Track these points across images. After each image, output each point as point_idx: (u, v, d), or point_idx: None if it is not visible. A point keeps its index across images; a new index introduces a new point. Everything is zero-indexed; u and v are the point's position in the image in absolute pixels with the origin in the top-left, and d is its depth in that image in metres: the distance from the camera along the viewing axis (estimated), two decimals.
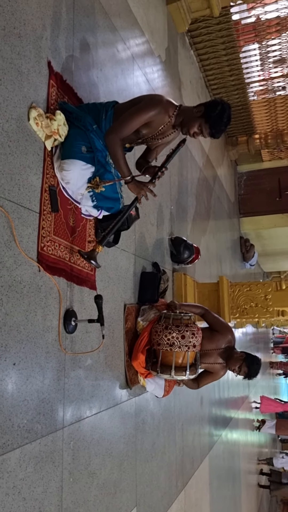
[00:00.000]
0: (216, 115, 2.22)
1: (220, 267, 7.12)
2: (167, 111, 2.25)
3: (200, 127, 2.27)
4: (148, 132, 2.31)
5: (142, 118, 2.19)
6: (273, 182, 9.49)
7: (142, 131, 2.28)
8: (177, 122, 2.32)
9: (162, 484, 3.57)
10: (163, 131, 2.33)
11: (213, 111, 2.22)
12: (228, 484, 6.65)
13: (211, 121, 2.23)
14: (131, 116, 2.18)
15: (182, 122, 2.30)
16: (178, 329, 2.90)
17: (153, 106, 2.21)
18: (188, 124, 2.27)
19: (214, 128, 2.25)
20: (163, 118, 2.26)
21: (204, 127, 2.26)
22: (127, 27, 3.46)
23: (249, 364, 3.27)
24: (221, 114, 2.22)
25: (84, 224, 2.46)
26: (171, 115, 2.28)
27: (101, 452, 2.51)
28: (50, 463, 1.99)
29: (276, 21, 6.06)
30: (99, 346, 2.42)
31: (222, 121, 2.24)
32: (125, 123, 2.17)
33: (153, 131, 2.31)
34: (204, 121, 2.25)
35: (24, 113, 1.96)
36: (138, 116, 2.18)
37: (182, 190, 5.02)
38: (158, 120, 2.25)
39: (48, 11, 2.22)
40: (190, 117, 2.27)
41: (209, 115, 2.23)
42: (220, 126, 2.25)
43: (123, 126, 2.17)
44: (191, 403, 4.68)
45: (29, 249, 1.94)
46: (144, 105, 2.21)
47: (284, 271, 16.16)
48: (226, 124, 2.27)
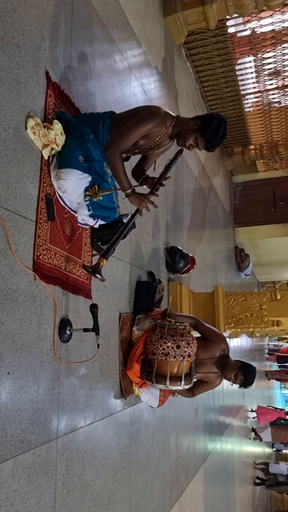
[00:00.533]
0: (212, 129, 2.25)
1: (215, 277, 7.13)
2: (165, 122, 2.28)
3: (195, 140, 2.30)
4: (146, 143, 2.32)
5: (141, 131, 2.21)
6: (268, 192, 9.54)
7: (140, 142, 2.29)
8: (173, 133, 2.34)
9: (156, 495, 3.53)
10: (160, 141, 2.35)
11: (209, 125, 2.25)
12: (222, 495, 6.60)
13: (207, 135, 2.26)
14: (131, 129, 2.20)
15: (178, 134, 2.32)
16: (173, 338, 2.90)
17: (152, 118, 2.23)
18: (184, 137, 2.30)
19: (210, 142, 2.28)
20: (161, 130, 2.28)
21: (199, 140, 2.29)
22: (125, 39, 3.50)
23: (245, 373, 3.27)
24: (217, 128, 2.25)
25: (80, 233, 2.46)
26: (168, 126, 2.30)
27: (95, 463, 2.49)
28: (43, 474, 1.97)
29: (271, 34, 6.13)
30: (94, 355, 2.41)
31: (218, 135, 2.27)
32: (125, 136, 2.19)
33: (150, 142, 2.33)
34: (200, 135, 2.27)
35: (21, 122, 1.97)
36: (137, 129, 2.20)
37: (178, 200, 5.04)
38: (156, 132, 2.27)
39: (46, 22, 2.24)
40: (186, 129, 2.29)
41: (205, 129, 2.25)
42: (215, 141, 2.28)
43: (123, 140, 2.19)
44: (186, 413, 4.65)
45: (25, 257, 1.94)
46: (142, 118, 2.23)
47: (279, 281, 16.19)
48: (221, 139, 2.30)
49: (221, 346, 3.34)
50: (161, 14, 4.77)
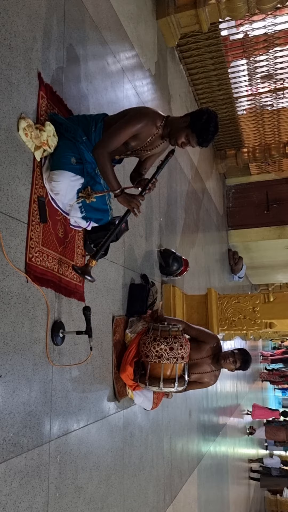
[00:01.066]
0: (202, 124, 2.24)
1: (209, 279, 7.13)
2: (155, 123, 2.27)
3: (187, 137, 2.28)
4: (137, 144, 2.32)
5: (129, 131, 2.20)
6: (261, 195, 9.58)
7: (131, 143, 2.29)
8: (165, 133, 2.33)
9: (150, 498, 3.52)
10: (152, 142, 2.34)
11: (199, 120, 2.24)
12: (216, 497, 6.58)
13: (198, 130, 2.25)
14: (119, 129, 2.19)
15: (169, 133, 2.31)
16: (166, 341, 2.89)
17: (140, 118, 2.22)
18: (176, 135, 2.29)
19: (201, 137, 2.27)
20: (151, 130, 2.27)
21: (191, 136, 2.27)
22: (117, 41, 3.50)
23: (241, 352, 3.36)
24: (208, 123, 2.24)
25: (73, 235, 2.45)
26: (158, 126, 2.29)
27: (88, 466, 2.48)
28: (36, 478, 1.96)
29: (264, 37, 6.16)
30: (87, 358, 2.40)
31: (209, 129, 2.25)
32: (113, 136, 2.18)
33: (141, 143, 2.32)
34: (190, 131, 2.26)
35: (13, 124, 1.96)
36: (125, 129, 2.19)
37: (171, 203, 5.04)
38: (146, 132, 2.26)
39: (38, 23, 2.24)
40: (177, 127, 2.28)
41: (195, 124, 2.24)
42: (207, 135, 2.27)
43: (110, 140, 2.18)
44: (180, 416, 4.64)
45: (17, 259, 1.93)
46: (130, 118, 2.22)
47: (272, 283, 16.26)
48: (213, 133, 2.28)
49: (213, 344, 3.37)
50: (154, 17, 4.79)
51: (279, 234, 9.43)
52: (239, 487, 9.40)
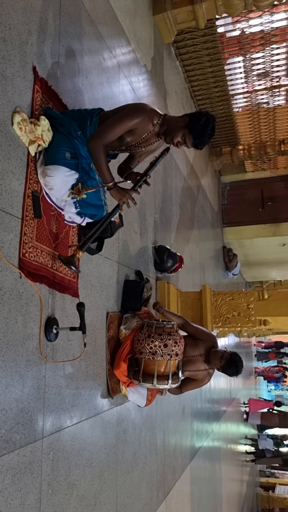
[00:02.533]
0: (200, 126, 2.24)
1: (203, 276, 7.14)
2: (151, 119, 2.26)
3: (183, 137, 2.28)
4: (132, 140, 2.30)
5: (125, 125, 2.19)
6: (256, 192, 9.59)
7: (126, 138, 2.27)
8: (161, 130, 2.32)
9: (143, 495, 3.52)
10: (147, 139, 2.33)
11: (197, 122, 2.24)
12: (209, 494, 6.61)
13: (195, 131, 2.25)
14: (114, 122, 2.17)
15: (166, 131, 2.31)
16: (160, 337, 2.89)
17: (137, 113, 2.21)
18: (172, 133, 2.28)
19: (198, 139, 2.27)
20: (147, 126, 2.26)
21: (187, 137, 2.27)
22: (114, 36, 3.47)
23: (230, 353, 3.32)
24: (205, 125, 2.24)
25: (67, 231, 2.43)
26: (155, 123, 2.28)
27: (81, 463, 2.47)
28: (28, 475, 1.95)
29: (260, 35, 6.15)
30: (80, 354, 2.39)
31: (206, 132, 2.26)
32: (108, 129, 2.16)
33: (137, 139, 2.30)
34: (188, 131, 2.26)
35: (7, 118, 1.94)
36: (121, 123, 2.18)
37: (166, 199, 5.03)
38: (141, 128, 2.25)
39: (34, 17, 2.21)
40: (174, 126, 2.28)
41: (193, 125, 2.24)
42: (203, 138, 2.27)
43: (105, 132, 2.16)
44: (173, 413, 4.65)
45: (11, 255, 1.91)
46: (127, 113, 2.21)
47: (267, 280, 16.31)
48: (209, 136, 2.29)
49: (210, 343, 3.37)
50: (150, 12, 4.76)
51: (274, 232, 9.46)
52: (232, 484, 9.45)
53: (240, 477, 11.09)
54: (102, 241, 2.61)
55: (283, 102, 7.65)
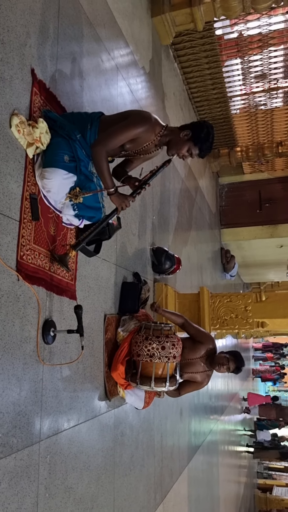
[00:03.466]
0: (203, 137, 2.34)
1: (201, 278, 7.14)
2: (154, 130, 2.30)
3: (189, 150, 2.38)
4: (132, 147, 2.33)
5: (130, 134, 2.23)
6: (254, 194, 9.60)
7: (127, 145, 2.30)
8: (162, 141, 2.38)
9: (140, 497, 3.51)
10: (147, 148, 2.37)
11: (200, 134, 2.33)
12: (207, 496, 6.60)
13: (200, 144, 2.35)
14: (120, 130, 2.20)
15: (169, 144, 2.37)
16: (158, 339, 2.89)
17: (142, 123, 2.25)
18: (177, 147, 2.37)
19: (203, 150, 2.39)
20: (150, 136, 2.30)
21: (193, 149, 2.38)
22: (112, 38, 3.47)
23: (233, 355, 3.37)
24: (207, 135, 2.36)
25: (65, 233, 2.43)
26: (157, 134, 2.32)
27: (78, 466, 2.46)
28: (25, 478, 1.94)
29: (258, 37, 6.16)
30: (78, 357, 2.38)
31: (209, 142, 2.37)
32: (113, 136, 2.19)
33: (137, 147, 2.34)
34: (192, 144, 2.36)
35: (5, 120, 1.93)
36: (127, 131, 2.21)
37: (164, 201, 5.03)
38: (144, 137, 2.29)
39: (32, 19, 2.21)
40: (178, 140, 2.36)
41: (198, 138, 2.34)
42: (208, 148, 2.39)
43: (110, 139, 2.19)
44: (171, 415, 4.64)
45: (8, 257, 1.91)
46: (133, 121, 2.24)
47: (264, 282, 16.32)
48: (212, 144, 2.41)
49: (209, 346, 3.38)
50: (148, 15, 4.76)
51: (271, 233, 9.47)
52: (230, 486, 9.44)
53: (237, 478, 11.08)
54: (100, 243, 2.61)
55: (280, 104, 7.67)
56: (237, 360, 3.38)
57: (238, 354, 3.44)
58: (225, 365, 3.34)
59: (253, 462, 15.47)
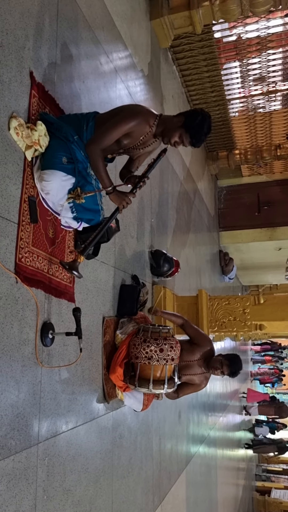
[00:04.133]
0: (197, 124, 2.26)
1: (200, 280, 7.14)
2: (148, 121, 2.28)
3: (181, 137, 2.30)
4: (130, 142, 2.31)
5: (122, 129, 2.21)
6: (252, 197, 9.62)
7: (124, 141, 2.28)
8: (158, 131, 2.33)
9: (138, 500, 3.51)
10: (145, 140, 2.34)
11: (193, 121, 2.26)
12: (205, 498, 6.59)
13: (192, 130, 2.27)
14: (112, 127, 2.19)
15: (163, 132, 2.32)
16: (156, 342, 2.89)
17: (133, 116, 2.23)
18: (169, 134, 2.30)
19: (195, 138, 2.29)
20: (144, 128, 2.27)
21: (184, 136, 2.30)
22: (111, 41, 3.48)
23: (228, 359, 3.33)
24: (201, 123, 2.27)
25: (64, 236, 2.43)
26: (151, 125, 2.29)
27: (76, 468, 2.46)
28: (23, 481, 1.94)
29: (257, 40, 6.19)
30: (76, 359, 2.38)
31: (203, 130, 2.28)
32: (106, 134, 2.18)
33: (134, 141, 2.31)
34: (184, 131, 2.28)
35: (4, 123, 1.94)
36: (119, 127, 2.19)
37: (163, 203, 5.03)
38: (139, 130, 2.26)
39: (31, 22, 2.22)
40: (171, 126, 2.30)
41: (190, 124, 2.27)
42: (200, 136, 2.29)
43: (103, 137, 2.18)
44: (169, 417, 4.64)
45: (7, 260, 1.91)
46: (124, 116, 2.22)
47: (263, 285, 16.34)
48: (206, 134, 2.31)
49: (207, 349, 3.37)
50: (147, 18, 4.78)
51: (270, 236, 9.49)
52: (228, 488, 9.42)
53: (236, 481, 11.06)
54: (98, 246, 2.61)
55: (279, 107, 7.69)
56: (231, 364, 3.33)
57: (235, 358, 3.39)
58: (218, 369, 3.32)
59: (251, 465, 15.49)
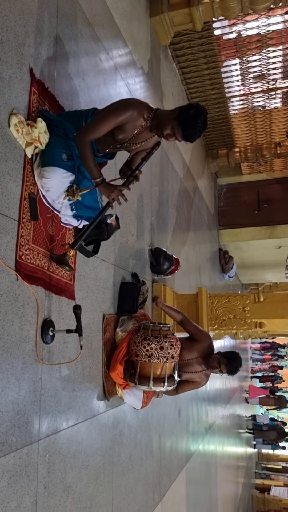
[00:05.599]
0: (190, 117, 2.17)
1: (199, 278, 7.14)
2: (141, 114, 2.22)
3: (172, 129, 2.21)
4: (124, 136, 2.26)
5: (111, 121, 2.15)
6: (252, 195, 9.61)
7: (118, 135, 2.24)
8: (153, 125, 2.27)
9: (138, 497, 3.52)
10: (139, 134, 2.29)
11: (186, 114, 2.18)
12: (205, 496, 6.61)
13: (184, 123, 2.18)
14: (101, 118, 2.15)
15: (157, 125, 2.26)
16: (156, 340, 2.89)
17: (124, 108, 2.17)
18: (162, 126, 2.23)
19: (186, 131, 2.20)
20: (137, 121, 2.22)
21: (176, 129, 2.21)
22: (110, 38, 3.48)
23: (227, 358, 3.31)
24: (195, 117, 2.17)
25: (64, 233, 2.43)
26: (146, 118, 2.24)
27: (77, 465, 2.47)
28: (24, 477, 1.94)
29: (257, 37, 6.17)
30: (76, 356, 2.38)
31: (196, 124, 2.18)
32: (94, 125, 2.14)
33: (129, 135, 2.26)
34: (177, 123, 2.20)
35: (4, 120, 1.93)
36: (107, 118, 2.14)
37: (163, 201, 5.03)
38: (131, 123, 2.21)
39: (31, 19, 2.21)
40: (164, 119, 2.23)
41: (182, 117, 2.18)
42: (193, 129, 2.19)
43: (91, 128, 2.13)
44: (169, 415, 4.65)
45: (7, 257, 1.91)
46: (114, 108, 2.19)
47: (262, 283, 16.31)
48: (200, 128, 2.21)
49: (206, 346, 3.37)
50: (147, 15, 4.77)
51: (270, 234, 9.48)
52: (228, 486, 9.44)
53: (235, 479, 11.09)
54: (98, 244, 2.61)
55: (279, 105, 7.68)
56: (230, 363, 3.30)
57: (233, 356, 3.36)
58: (217, 368, 3.31)
59: (251, 463, 15.53)
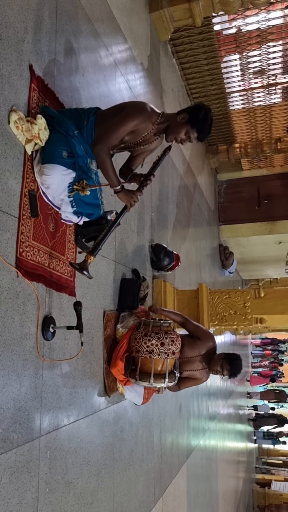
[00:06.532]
0: (201, 119, 2.30)
1: (200, 274, 7.15)
2: (151, 119, 2.29)
3: (187, 133, 2.33)
4: (131, 139, 2.32)
5: (128, 127, 2.22)
6: (252, 191, 9.61)
7: (126, 137, 2.30)
8: (160, 129, 2.35)
9: (139, 492, 3.53)
10: (146, 138, 2.36)
11: (198, 116, 2.29)
12: (205, 491, 6.64)
13: (198, 126, 2.30)
14: (118, 125, 2.20)
15: (167, 130, 2.34)
16: (157, 336, 2.89)
17: (138, 114, 2.25)
18: (175, 132, 2.32)
19: (202, 132, 2.33)
20: (147, 126, 2.29)
21: (191, 132, 2.32)
22: (110, 34, 3.46)
23: (229, 361, 3.31)
24: (205, 117, 2.30)
25: (64, 230, 2.43)
26: (154, 123, 2.30)
27: (78, 461, 2.48)
28: (26, 473, 1.95)
29: (257, 33, 6.15)
30: (77, 353, 2.39)
31: (207, 124, 2.32)
32: (112, 132, 2.19)
33: (136, 138, 2.33)
34: (190, 127, 2.31)
35: (4, 116, 1.93)
36: (125, 124, 2.21)
37: (163, 197, 5.03)
38: (142, 128, 2.28)
39: (30, 15, 2.20)
40: (176, 124, 2.32)
41: (195, 120, 2.29)
42: (206, 130, 2.33)
43: (110, 136, 2.19)
44: (170, 411, 4.66)
45: (8, 254, 1.91)
46: (129, 114, 2.23)
47: (263, 278, 16.35)
48: (210, 127, 2.35)
49: (209, 344, 3.36)
50: (147, 10, 4.75)
51: (270, 230, 9.48)
52: (228, 481, 9.48)
53: (236, 474, 11.13)
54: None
55: (279, 100, 7.66)
56: (232, 367, 3.30)
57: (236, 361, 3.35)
58: (219, 372, 3.32)
59: (251, 458, 15.58)
